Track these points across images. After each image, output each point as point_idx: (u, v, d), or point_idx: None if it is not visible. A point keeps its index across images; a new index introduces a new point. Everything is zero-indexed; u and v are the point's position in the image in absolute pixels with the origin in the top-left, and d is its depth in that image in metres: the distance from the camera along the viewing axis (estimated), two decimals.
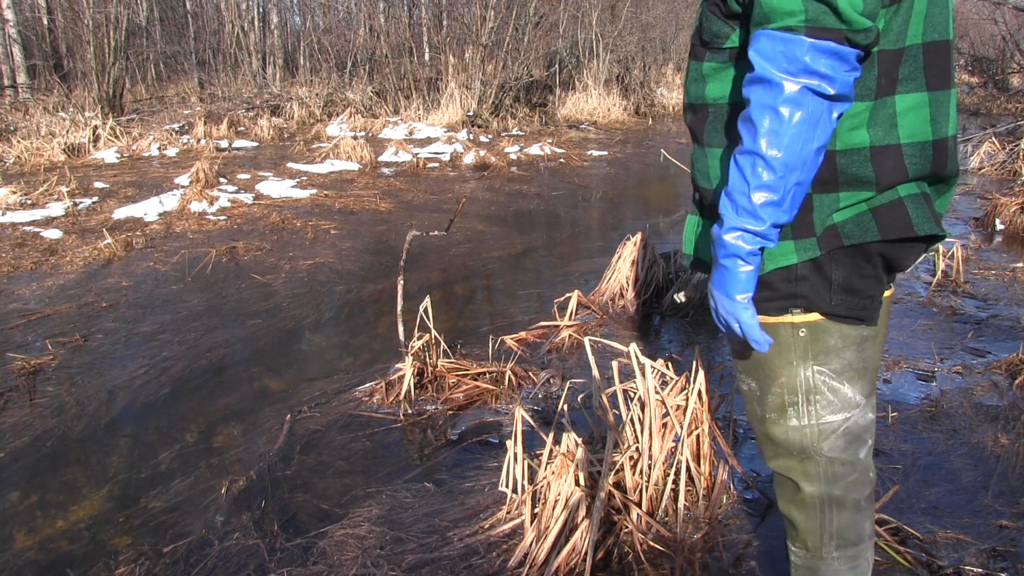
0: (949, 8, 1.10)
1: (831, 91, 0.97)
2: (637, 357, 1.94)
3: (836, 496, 1.30)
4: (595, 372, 2.00)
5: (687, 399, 1.95)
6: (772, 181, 1.00)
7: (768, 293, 1.19)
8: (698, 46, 1.18)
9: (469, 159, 8.37)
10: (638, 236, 3.76)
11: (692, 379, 1.96)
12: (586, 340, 2.10)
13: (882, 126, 1.09)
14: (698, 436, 1.97)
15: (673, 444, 1.97)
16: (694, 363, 1.93)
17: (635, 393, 1.98)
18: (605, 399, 1.97)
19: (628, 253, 3.74)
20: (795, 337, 1.21)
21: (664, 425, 1.95)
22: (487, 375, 2.84)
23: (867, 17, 0.96)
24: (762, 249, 1.08)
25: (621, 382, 2.04)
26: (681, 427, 1.95)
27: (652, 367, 1.93)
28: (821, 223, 1.13)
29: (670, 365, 2.02)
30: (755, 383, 1.31)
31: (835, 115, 1.01)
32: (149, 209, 5.75)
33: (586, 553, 1.73)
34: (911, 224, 1.10)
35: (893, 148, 1.09)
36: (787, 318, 1.20)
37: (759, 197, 1.02)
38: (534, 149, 9.10)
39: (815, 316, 1.19)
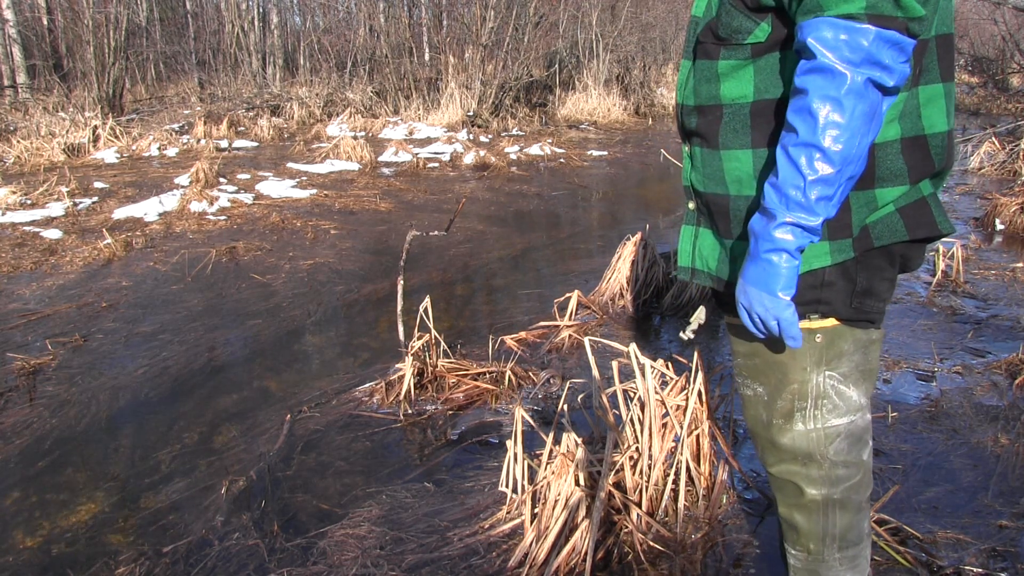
0: (952, 1, 1.10)
1: (890, 83, 0.95)
2: (637, 357, 1.94)
3: (839, 499, 1.29)
4: (595, 372, 2.00)
5: (687, 399, 1.95)
6: (830, 175, 0.97)
7: None
8: (709, 44, 1.14)
9: (469, 159, 8.37)
10: (638, 236, 3.76)
11: (692, 379, 1.96)
12: (586, 340, 2.11)
13: (909, 117, 1.08)
14: (698, 436, 1.97)
15: (673, 444, 1.97)
16: (694, 363, 1.93)
17: (635, 393, 1.98)
18: (605, 399, 1.97)
19: (628, 253, 3.74)
20: (811, 343, 1.19)
21: (664, 425, 1.95)
22: (487, 375, 2.84)
23: (920, 2, 0.94)
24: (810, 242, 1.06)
25: (621, 382, 2.04)
26: (681, 427, 1.95)
27: (652, 367, 1.93)
28: (859, 223, 1.11)
29: (670, 365, 2.02)
30: (762, 388, 1.28)
31: (884, 108, 0.99)
32: (149, 209, 5.75)
33: (586, 553, 1.73)
34: (936, 224, 1.11)
35: (920, 139, 1.09)
36: (804, 324, 1.18)
37: (815, 191, 0.98)
38: (534, 149, 9.10)
39: (831, 322, 1.18)
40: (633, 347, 1.96)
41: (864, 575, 1.40)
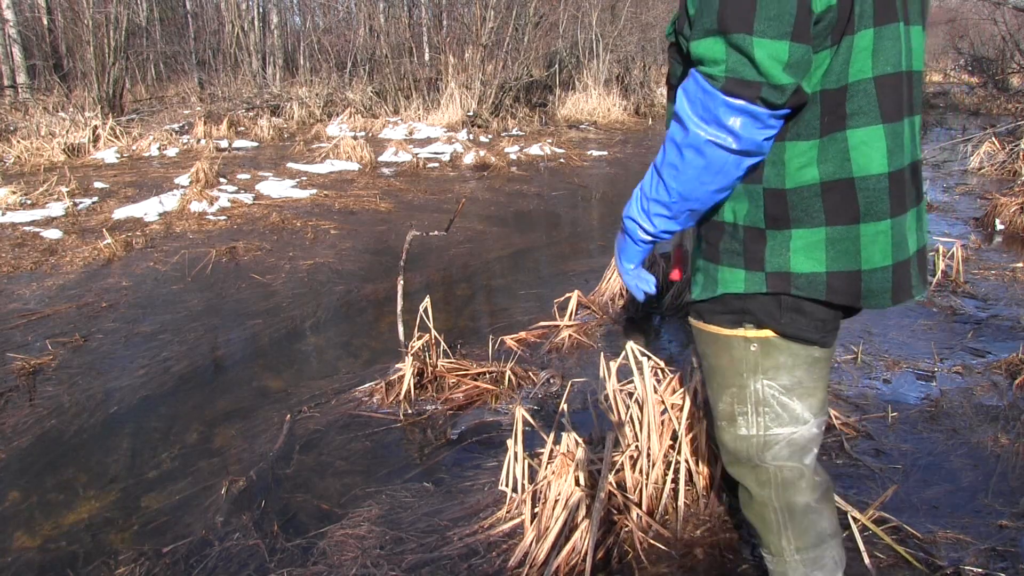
0: (903, 41, 1.10)
1: (735, 147, 1.02)
2: (634, 355, 1.94)
3: (786, 501, 1.33)
4: (602, 370, 1.99)
5: (684, 397, 1.95)
6: (667, 201, 1.11)
7: (720, 307, 1.23)
8: (671, 89, 1.24)
9: (469, 159, 8.37)
10: None
11: (688, 376, 1.95)
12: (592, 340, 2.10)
13: (833, 161, 1.09)
14: (696, 434, 1.96)
15: (671, 442, 1.96)
16: (691, 360, 1.93)
17: (634, 392, 1.98)
18: (606, 398, 1.97)
19: None
20: (746, 351, 1.24)
21: (663, 423, 1.95)
22: (487, 375, 2.84)
23: (792, 67, 0.98)
24: (654, 241, 1.21)
25: (620, 382, 2.04)
26: (679, 425, 1.94)
27: (650, 365, 1.93)
28: (773, 262, 1.15)
29: (664, 363, 2.02)
30: (711, 391, 1.36)
31: (746, 164, 1.06)
32: (149, 209, 5.75)
33: (586, 553, 1.73)
34: (859, 297, 1.14)
35: (845, 182, 1.10)
36: (740, 332, 1.23)
37: (654, 208, 1.13)
38: (534, 149, 9.10)
39: (767, 332, 1.21)
40: (630, 345, 1.96)
41: (838, 572, 1.42)
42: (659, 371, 2.01)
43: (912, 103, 1.14)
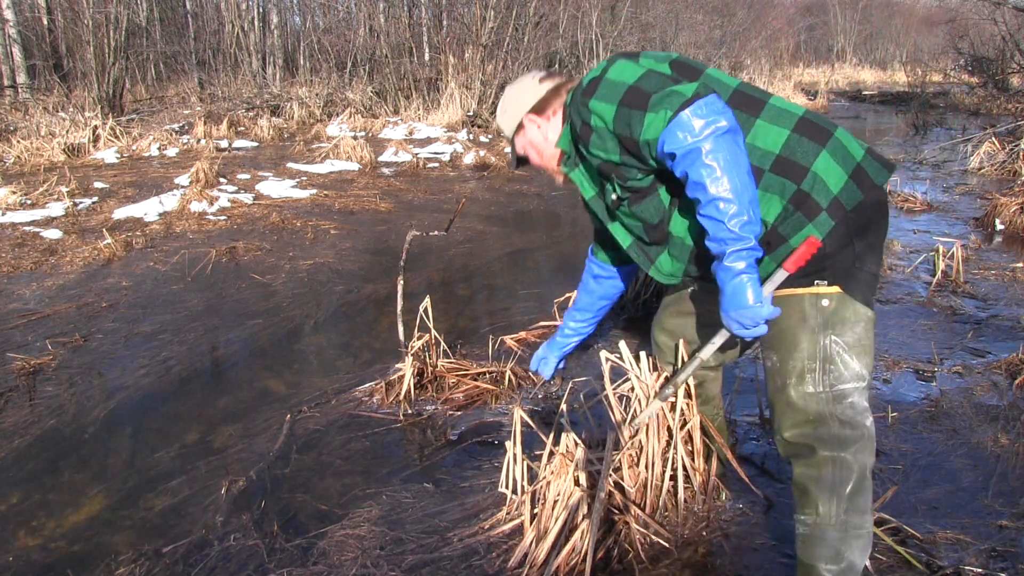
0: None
1: (727, 123, 1.32)
2: (628, 355, 1.94)
3: (847, 458, 1.47)
4: (604, 371, 1.99)
5: (675, 394, 1.94)
6: (737, 208, 1.32)
7: (795, 273, 1.43)
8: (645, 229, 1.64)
9: (469, 159, 8.37)
10: None
11: (676, 372, 1.94)
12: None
13: (784, 117, 1.47)
14: (690, 431, 1.96)
15: (668, 438, 1.96)
16: (678, 356, 1.92)
17: (631, 392, 1.98)
18: (606, 398, 1.97)
19: None
20: (817, 307, 1.46)
21: (659, 420, 1.95)
22: (487, 375, 2.84)
23: (688, 86, 1.36)
24: (757, 261, 1.36)
25: (618, 381, 2.04)
26: (673, 422, 1.94)
27: (645, 363, 1.93)
28: (823, 199, 1.43)
29: (651, 359, 2.01)
30: (777, 355, 1.52)
31: (740, 141, 1.35)
32: (149, 209, 5.74)
33: (586, 553, 1.73)
34: (872, 180, 1.45)
35: (802, 119, 1.47)
36: (812, 289, 1.45)
37: (735, 223, 1.32)
38: None
39: (836, 289, 1.45)
40: (622, 344, 1.97)
41: (866, 555, 1.51)
42: (653, 369, 2.00)
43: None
